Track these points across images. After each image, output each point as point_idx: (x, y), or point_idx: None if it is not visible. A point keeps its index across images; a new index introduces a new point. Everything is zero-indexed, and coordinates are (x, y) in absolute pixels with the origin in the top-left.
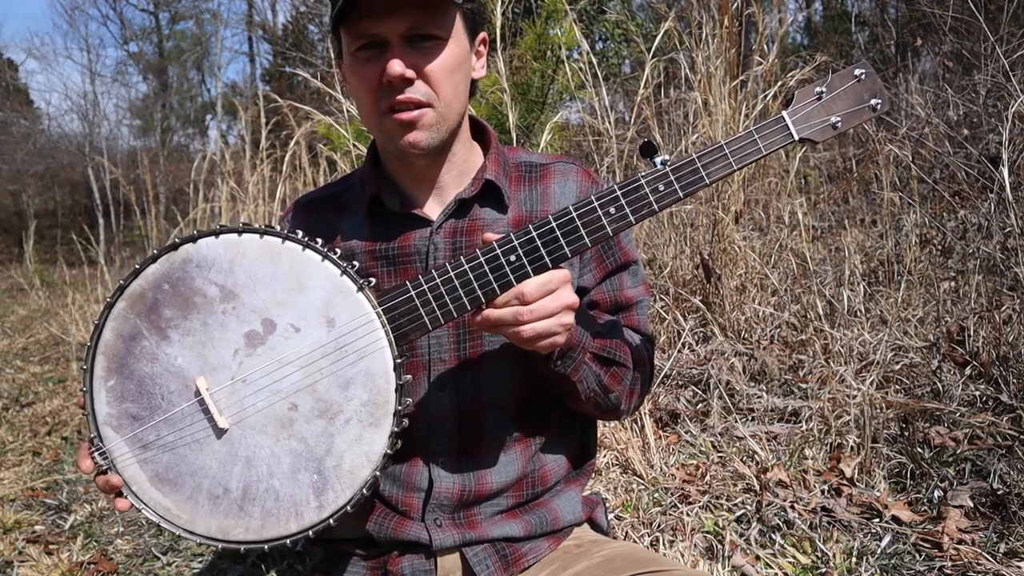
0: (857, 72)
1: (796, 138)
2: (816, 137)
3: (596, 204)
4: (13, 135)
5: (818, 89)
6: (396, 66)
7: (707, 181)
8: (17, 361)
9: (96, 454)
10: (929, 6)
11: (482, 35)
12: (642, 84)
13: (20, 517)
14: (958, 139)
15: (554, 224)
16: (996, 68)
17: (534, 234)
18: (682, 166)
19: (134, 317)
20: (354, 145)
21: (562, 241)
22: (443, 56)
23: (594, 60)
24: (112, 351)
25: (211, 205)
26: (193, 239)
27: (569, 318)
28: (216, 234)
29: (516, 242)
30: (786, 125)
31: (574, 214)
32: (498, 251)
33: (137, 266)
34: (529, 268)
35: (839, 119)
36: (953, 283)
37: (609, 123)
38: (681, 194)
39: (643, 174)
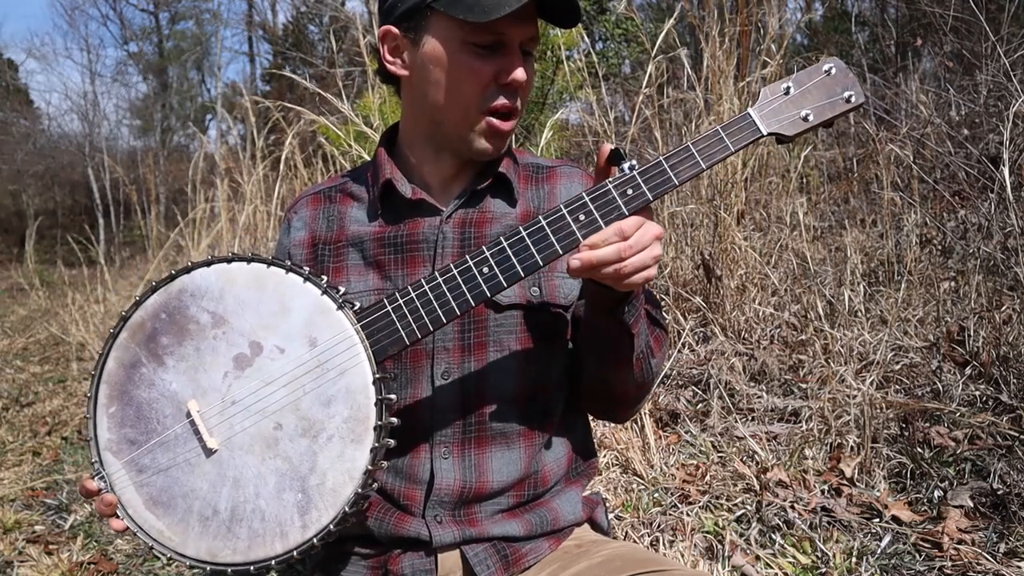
0: (826, 67)
1: (764, 133)
2: (787, 131)
3: (565, 212)
4: (13, 135)
5: (785, 85)
6: (522, 73)
7: (676, 182)
8: (17, 361)
9: (96, 479)
10: (929, 6)
11: None
12: (644, 83)
13: (20, 517)
14: (959, 139)
15: (524, 234)
16: (997, 68)
17: (504, 244)
18: (648, 169)
19: (134, 346)
20: (350, 146)
21: (533, 250)
22: (533, 69)
23: (595, 59)
24: (114, 379)
25: (211, 205)
26: (188, 270)
27: (659, 249)
28: (208, 264)
29: (487, 253)
30: (752, 121)
31: (544, 223)
32: (470, 263)
33: (137, 297)
34: (501, 278)
35: (810, 112)
36: (953, 283)
37: (608, 123)
38: (651, 196)
39: (610, 179)
